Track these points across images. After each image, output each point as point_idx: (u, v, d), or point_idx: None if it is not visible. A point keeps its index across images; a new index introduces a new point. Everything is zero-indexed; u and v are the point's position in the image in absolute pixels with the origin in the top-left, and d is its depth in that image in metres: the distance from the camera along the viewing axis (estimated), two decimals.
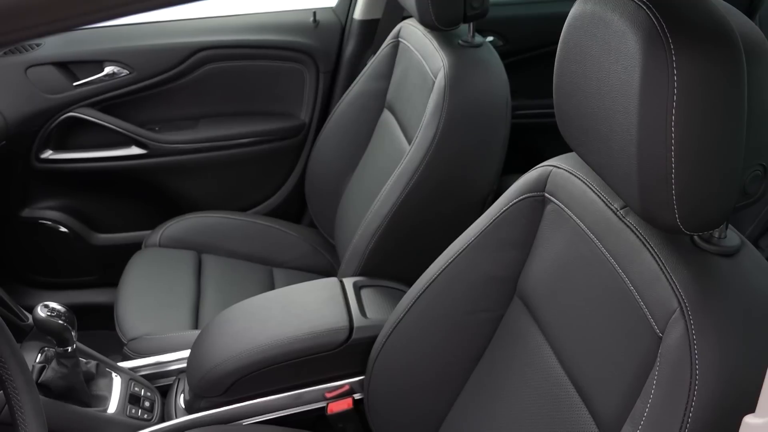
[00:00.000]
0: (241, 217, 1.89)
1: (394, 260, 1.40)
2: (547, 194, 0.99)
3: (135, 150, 1.88)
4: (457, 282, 1.08)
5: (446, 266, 1.09)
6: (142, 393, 1.30)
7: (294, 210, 2.04)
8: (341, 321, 1.26)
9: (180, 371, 1.37)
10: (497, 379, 1.02)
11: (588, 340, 0.86)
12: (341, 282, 1.37)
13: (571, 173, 0.95)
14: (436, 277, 1.10)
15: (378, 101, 1.69)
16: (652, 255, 0.79)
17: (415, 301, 1.12)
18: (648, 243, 0.81)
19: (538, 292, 0.98)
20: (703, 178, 0.69)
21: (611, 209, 0.87)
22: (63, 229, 1.91)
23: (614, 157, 0.74)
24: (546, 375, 0.92)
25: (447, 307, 1.10)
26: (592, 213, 0.89)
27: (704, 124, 0.67)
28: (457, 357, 1.09)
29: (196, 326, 1.52)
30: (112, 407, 1.24)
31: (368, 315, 1.29)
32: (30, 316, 1.23)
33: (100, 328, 1.63)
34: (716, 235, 0.79)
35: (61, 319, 1.16)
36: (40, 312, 1.15)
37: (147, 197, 1.96)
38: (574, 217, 0.92)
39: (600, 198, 0.89)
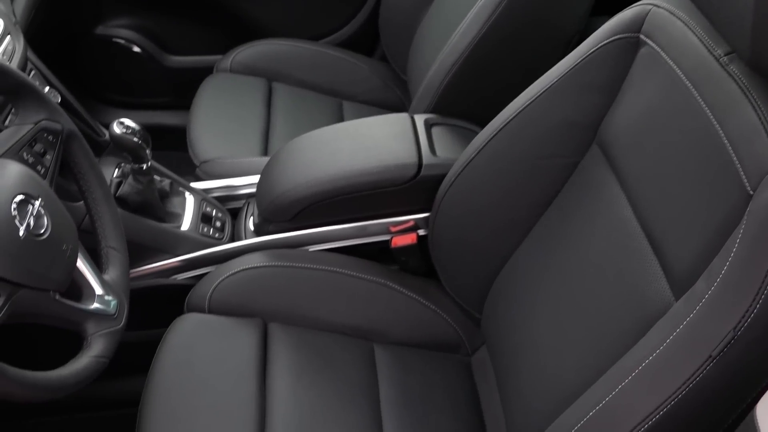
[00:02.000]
0: (312, 46, 1.85)
1: (468, 99, 1.35)
2: (642, 36, 0.91)
3: None
4: (534, 125, 1.04)
5: (523, 108, 1.05)
6: (214, 213, 1.35)
7: (366, 42, 1.97)
8: (410, 157, 1.24)
9: (250, 195, 1.40)
10: (566, 226, 1.00)
11: (669, 194, 0.83)
12: (412, 118, 1.34)
13: (672, 14, 0.87)
14: (511, 119, 1.06)
15: None
16: (753, 108, 0.73)
17: (488, 141, 1.09)
18: (751, 94, 0.74)
19: (620, 141, 0.93)
20: None
21: (713, 56, 0.80)
22: (136, 48, 1.91)
23: None
24: (618, 225, 0.90)
25: (520, 150, 1.06)
26: (692, 58, 0.82)
27: None
28: (527, 201, 1.07)
29: (265, 153, 1.54)
30: (186, 224, 1.29)
31: (438, 153, 1.27)
32: (107, 133, 1.26)
33: (173, 149, 1.66)
34: None
35: (137, 137, 1.18)
36: (116, 129, 1.17)
37: (218, 20, 1.92)
38: (671, 63, 0.85)
39: (702, 43, 0.82)
